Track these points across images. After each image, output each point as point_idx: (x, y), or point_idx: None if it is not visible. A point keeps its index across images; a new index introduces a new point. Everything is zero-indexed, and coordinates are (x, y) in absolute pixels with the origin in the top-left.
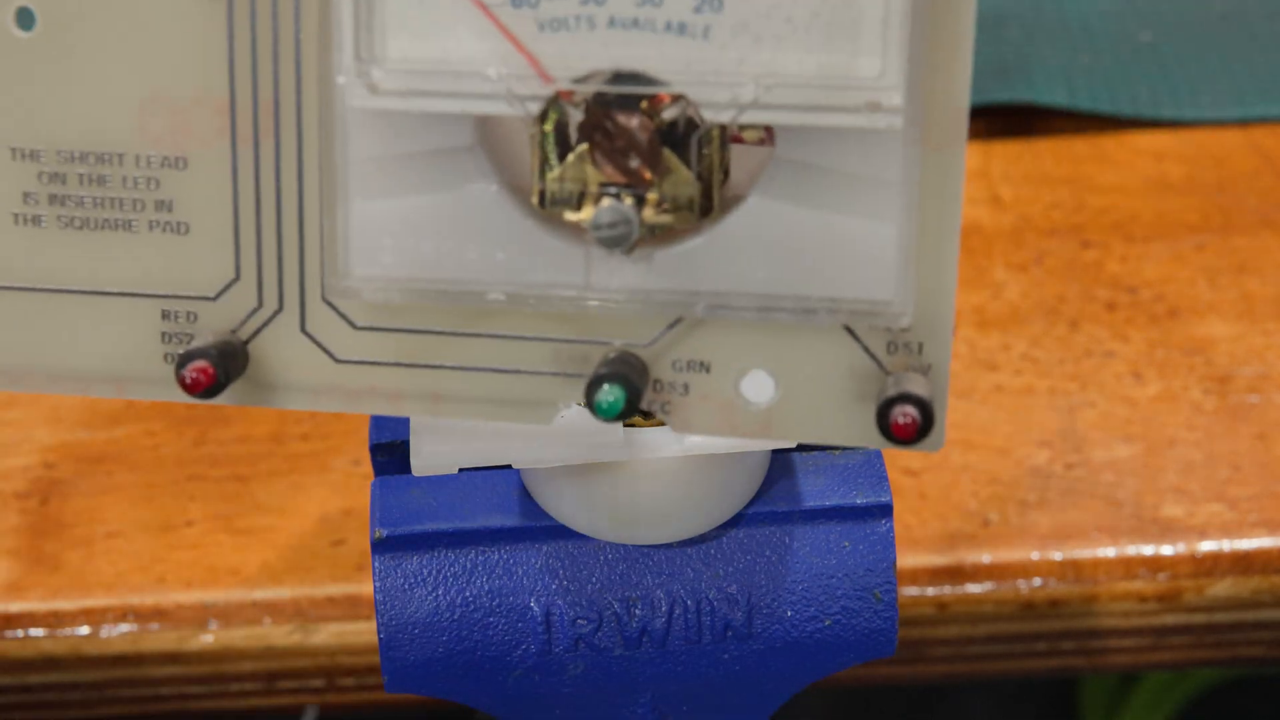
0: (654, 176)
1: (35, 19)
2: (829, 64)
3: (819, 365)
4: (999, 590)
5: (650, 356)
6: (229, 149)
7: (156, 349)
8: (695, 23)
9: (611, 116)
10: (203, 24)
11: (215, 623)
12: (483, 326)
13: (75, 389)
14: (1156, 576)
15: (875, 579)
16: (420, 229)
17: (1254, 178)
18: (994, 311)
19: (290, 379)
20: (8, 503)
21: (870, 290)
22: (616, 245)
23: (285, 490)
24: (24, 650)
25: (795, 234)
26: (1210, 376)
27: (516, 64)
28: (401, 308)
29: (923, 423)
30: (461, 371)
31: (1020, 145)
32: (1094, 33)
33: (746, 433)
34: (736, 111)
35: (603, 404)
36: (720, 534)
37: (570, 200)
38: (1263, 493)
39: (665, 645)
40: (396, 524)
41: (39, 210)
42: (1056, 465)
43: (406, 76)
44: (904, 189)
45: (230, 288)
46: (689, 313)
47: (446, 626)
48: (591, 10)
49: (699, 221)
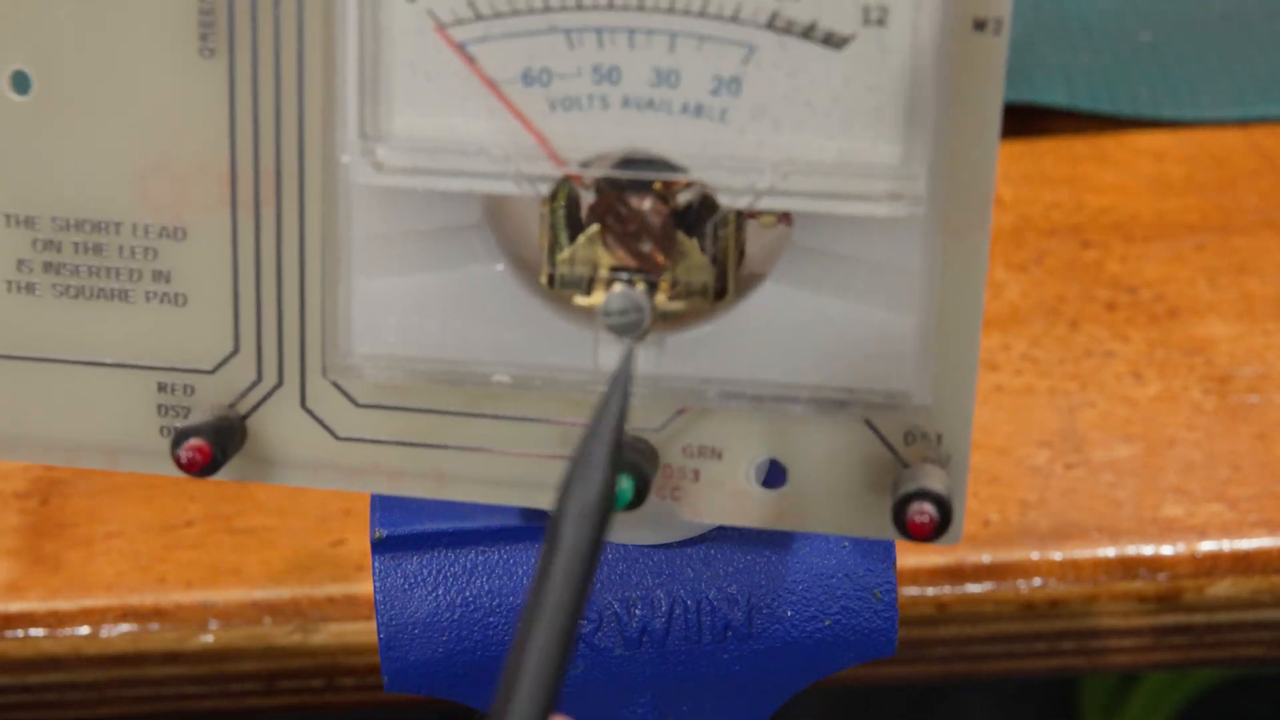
0: (667, 261)
1: (31, 83)
2: (849, 150)
3: (834, 454)
4: (999, 590)
5: (660, 442)
6: (229, 219)
7: (152, 421)
8: (712, 105)
9: (624, 199)
10: (203, 90)
11: (215, 623)
12: (488, 407)
13: (68, 460)
14: (1156, 576)
15: (875, 579)
16: (425, 308)
17: (1254, 178)
18: (994, 311)
19: (289, 455)
20: (8, 503)
21: (888, 381)
22: (627, 333)
23: (285, 490)
24: (24, 650)
25: (811, 322)
26: (1210, 376)
27: (526, 143)
28: (405, 386)
29: (940, 520)
30: (466, 452)
31: (1020, 145)
32: (1094, 32)
33: (758, 521)
34: (753, 198)
35: None
36: (720, 534)
37: (580, 283)
38: (1263, 493)
39: (665, 645)
40: (396, 524)
41: (33, 278)
42: (1056, 465)
43: (412, 154)
44: (925, 278)
45: (229, 361)
46: (700, 401)
47: (446, 626)
48: (605, 90)
49: (713, 305)
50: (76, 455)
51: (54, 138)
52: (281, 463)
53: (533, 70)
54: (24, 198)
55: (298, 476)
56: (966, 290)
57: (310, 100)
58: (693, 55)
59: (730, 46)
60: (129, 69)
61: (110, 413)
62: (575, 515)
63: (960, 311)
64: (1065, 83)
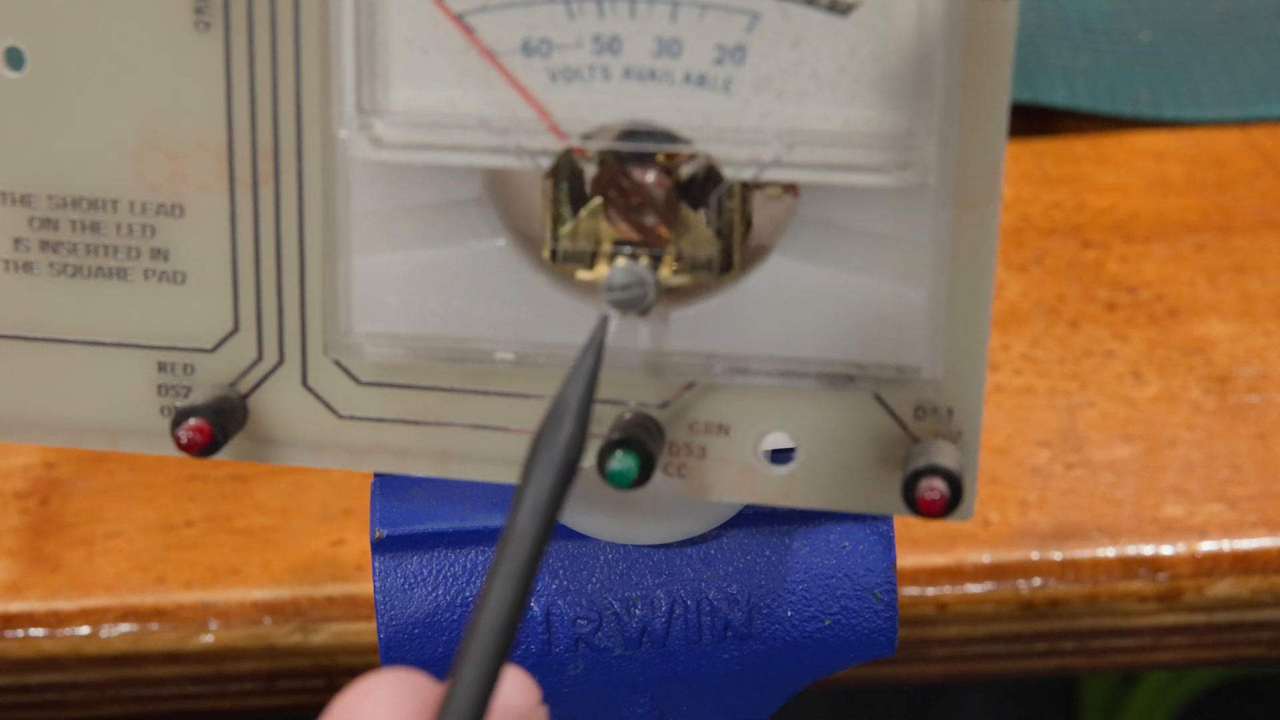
0: (671, 234)
1: (25, 59)
2: (856, 120)
3: (843, 429)
4: (999, 590)
5: (666, 418)
6: (227, 196)
7: (153, 401)
8: (716, 75)
9: (626, 172)
10: (198, 64)
11: (215, 623)
12: (492, 384)
13: (68, 440)
14: (1156, 576)
15: (875, 579)
16: (426, 285)
17: (1254, 178)
18: (994, 311)
19: (291, 435)
20: (8, 503)
21: (898, 355)
22: (631, 308)
23: (285, 490)
24: (24, 650)
25: (819, 295)
26: (1210, 376)
27: (526, 116)
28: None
29: (951, 496)
30: (469, 429)
31: (1020, 145)
32: (1094, 33)
33: (766, 498)
34: (758, 169)
35: (615, 471)
36: (720, 534)
37: (583, 258)
38: (1263, 493)
39: (665, 645)
40: (396, 524)
41: (31, 257)
42: (1056, 465)
43: (411, 129)
44: (934, 250)
45: (229, 339)
46: (706, 377)
47: (446, 626)
48: (606, 60)
49: (718, 279)
50: (77, 436)
51: (49, 115)
52: (283, 442)
53: (532, 41)
54: (20, 175)
55: (300, 456)
56: (977, 262)
57: (308, 74)
58: (695, 24)
59: (733, 15)
60: (123, 44)
61: (110, 393)
62: (544, 463)
63: (971, 284)
64: (1065, 83)
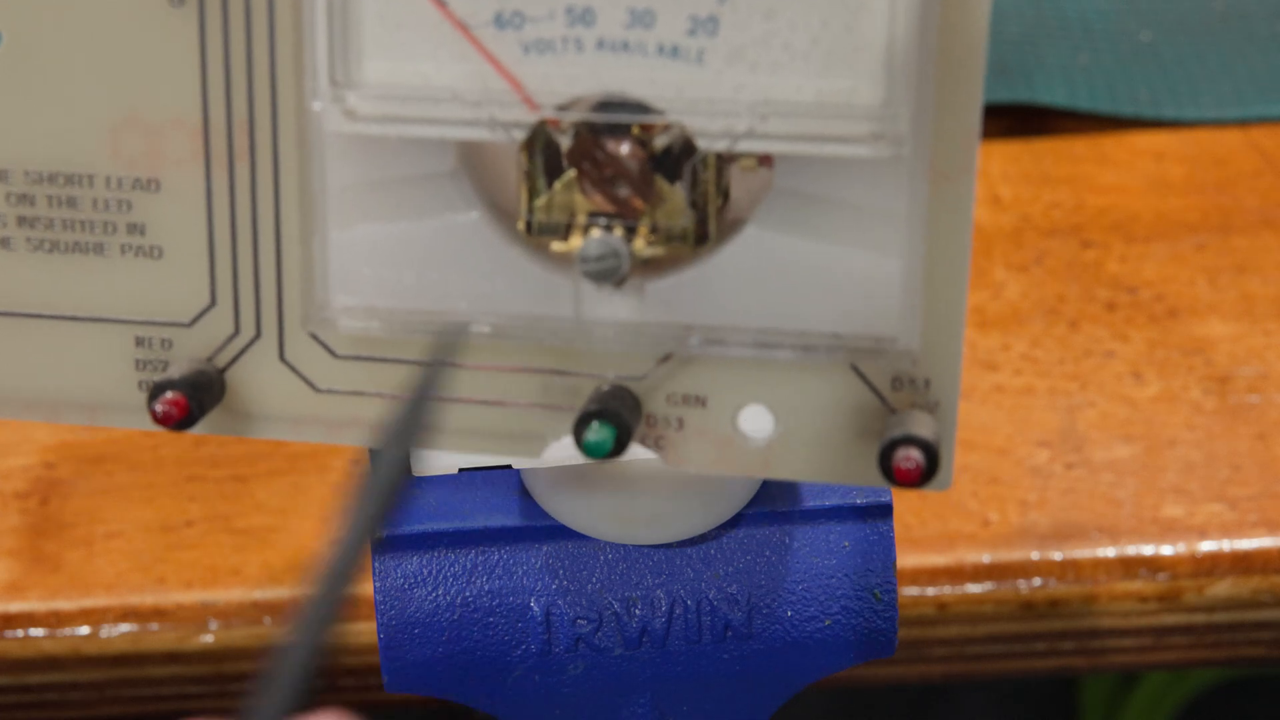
0: (645, 206)
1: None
2: (829, 91)
3: (820, 401)
4: (999, 590)
5: (643, 390)
6: (202, 169)
7: (130, 376)
8: (689, 46)
9: (600, 143)
10: (174, 41)
11: (215, 623)
12: (468, 358)
13: (46, 415)
14: (1156, 576)
15: (875, 579)
16: (401, 258)
17: (1254, 178)
18: (994, 311)
19: (269, 409)
20: (8, 503)
21: (874, 326)
22: (605, 279)
23: (285, 490)
24: (24, 650)
25: (795, 266)
26: (1210, 376)
27: (499, 88)
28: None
29: (927, 466)
30: (447, 403)
31: (1020, 145)
32: (1094, 32)
33: (743, 470)
34: (731, 140)
35: (590, 443)
36: (720, 534)
37: (558, 229)
38: (1263, 493)
39: (665, 645)
40: (396, 524)
41: (7, 232)
42: (1056, 465)
43: (384, 101)
44: (910, 221)
45: (206, 314)
46: (682, 348)
47: (446, 626)
48: (579, 32)
49: (694, 250)
50: (55, 411)
51: (24, 90)
52: (261, 416)
53: (505, 13)
54: None
55: (277, 430)
56: (953, 233)
57: (281, 48)
58: None
59: None
60: (99, 20)
61: (88, 368)
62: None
63: (947, 255)
64: (1065, 83)
